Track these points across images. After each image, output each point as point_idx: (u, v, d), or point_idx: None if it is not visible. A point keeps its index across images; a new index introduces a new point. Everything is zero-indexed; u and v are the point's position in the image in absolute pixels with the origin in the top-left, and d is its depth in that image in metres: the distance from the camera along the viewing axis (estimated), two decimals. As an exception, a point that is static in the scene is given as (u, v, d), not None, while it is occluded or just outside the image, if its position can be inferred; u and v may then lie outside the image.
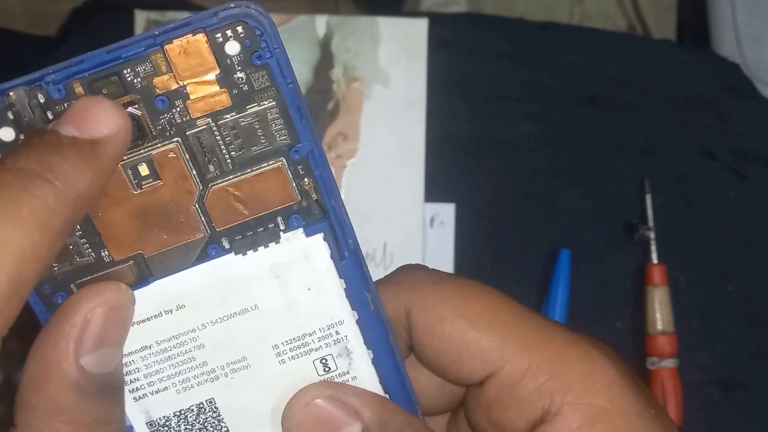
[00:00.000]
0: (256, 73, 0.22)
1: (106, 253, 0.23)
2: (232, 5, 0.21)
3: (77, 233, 0.22)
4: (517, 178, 0.54)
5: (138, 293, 0.23)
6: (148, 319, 0.24)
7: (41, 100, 0.21)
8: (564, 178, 0.54)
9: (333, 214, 0.23)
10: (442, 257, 0.53)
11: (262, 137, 0.22)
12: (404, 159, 0.49)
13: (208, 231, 0.23)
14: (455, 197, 0.53)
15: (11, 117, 0.21)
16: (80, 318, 0.21)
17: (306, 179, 0.23)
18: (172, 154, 0.22)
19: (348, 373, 0.25)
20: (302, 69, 0.50)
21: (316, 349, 0.24)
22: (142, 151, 0.22)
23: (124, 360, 0.24)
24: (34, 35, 0.62)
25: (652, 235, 0.53)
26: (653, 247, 0.53)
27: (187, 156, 0.22)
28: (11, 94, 0.21)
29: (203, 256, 0.23)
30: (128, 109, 0.21)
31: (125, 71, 0.21)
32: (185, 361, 0.24)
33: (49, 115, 0.21)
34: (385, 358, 0.25)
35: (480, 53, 0.54)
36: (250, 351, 0.24)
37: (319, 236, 0.23)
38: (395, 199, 0.49)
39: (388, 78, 0.49)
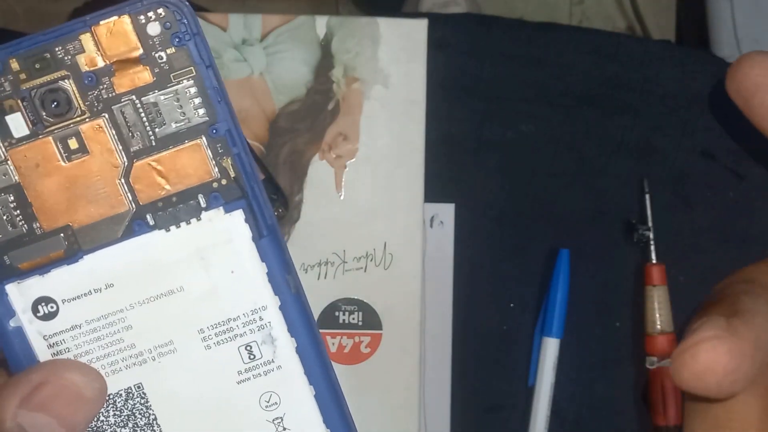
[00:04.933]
0: (176, 53, 0.24)
1: (38, 224, 0.24)
2: None
3: (11, 203, 0.24)
4: (517, 178, 0.54)
5: (68, 270, 0.24)
6: (78, 297, 0.24)
7: None
8: (563, 178, 0.54)
9: (251, 193, 0.24)
10: (442, 257, 0.53)
11: (182, 115, 0.24)
12: (404, 159, 0.49)
13: (133, 205, 0.24)
14: (455, 197, 0.53)
15: None
16: (38, 378, 0.23)
17: (225, 157, 0.24)
18: (99, 128, 0.24)
19: (273, 361, 0.25)
20: (303, 69, 0.50)
21: (241, 335, 0.25)
22: (71, 124, 0.24)
23: (55, 339, 0.25)
24: (35, 36, 0.62)
25: (651, 234, 0.53)
26: (652, 247, 0.53)
27: (113, 131, 0.24)
28: None
29: (129, 232, 0.24)
30: (59, 83, 0.23)
31: (57, 49, 0.23)
32: (114, 343, 0.25)
33: None
34: (308, 347, 0.25)
35: (480, 54, 0.54)
36: (177, 334, 0.25)
37: (239, 215, 0.24)
38: (395, 199, 0.49)
39: (388, 78, 0.50)
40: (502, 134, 0.54)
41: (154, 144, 0.24)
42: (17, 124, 0.24)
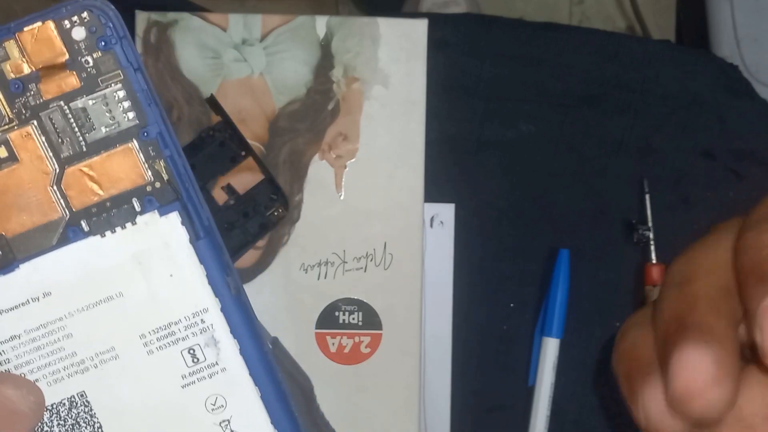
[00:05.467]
0: (103, 57, 0.24)
1: None
2: None
3: None
4: (517, 178, 0.54)
5: (4, 280, 0.24)
6: (16, 307, 0.24)
7: None
8: (563, 178, 0.54)
9: (186, 194, 0.24)
10: (442, 257, 0.53)
11: (111, 119, 0.24)
12: (404, 159, 0.50)
13: (66, 212, 0.24)
14: (455, 197, 0.53)
15: None
16: None
17: (157, 160, 0.24)
18: (28, 136, 0.24)
19: (217, 364, 0.25)
20: (303, 69, 0.50)
21: (183, 339, 0.25)
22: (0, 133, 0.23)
23: None
24: (35, 36, 0.62)
25: (651, 234, 0.53)
26: (652, 247, 0.53)
27: (42, 138, 0.24)
28: None
29: (64, 239, 0.24)
30: None
31: None
32: (54, 352, 0.24)
33: None
34: (252, 348, 0.25)
35: (480, 54, 0.54)
36: (118, 341, 0.25)
37: (175, 218, 0.24)
38: (395, 199, 0.49)
39: (388, 78, 0.50)
40: (502, 134, 0.54)
41: (84, 149, 0.24)
42: None
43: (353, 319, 0.49)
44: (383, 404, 0.49)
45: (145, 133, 0.24)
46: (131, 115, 0.24)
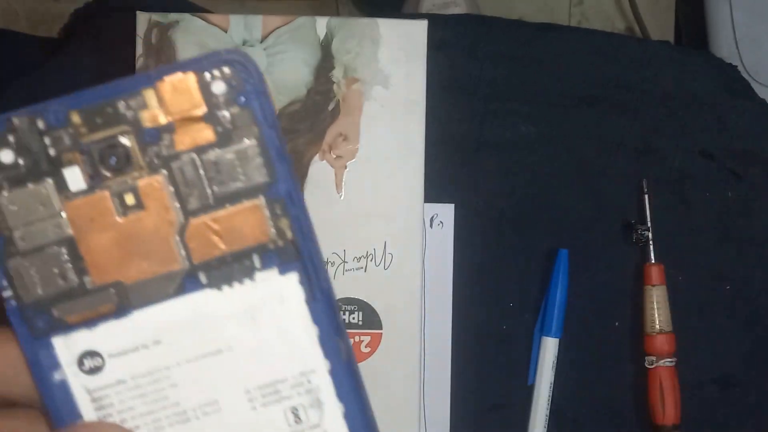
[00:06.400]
0: (240, 113, 0.23)
1: (89, 278, 0.23)
2: (223, 52, 0.23)
3: (63, 256, 0.23)
4: (516, 179, 0.54)
5: (116, 325, 0.24)
6: (125, 352, 0.24)
7: (41, 127, 0.23)
8: (562, 178, 0.54)
9: (307, 255, 0.24)
10: (442, 257, 0.53)
11: (242, 174, 0.23)
12: (404, 159, 0.50)
13: (187, 263, 0.24)
14: (455, 197, 0.54)
15: (12, 140, 0.23)
16: None
17: (283, 219, 0.24)
18: (156, 185, 0.23)
19: (319, 426, 0.25)
20: (303, 70, 0.50)
21: (288, 398, 0.24)
22: (128, 180, 0.23)
23: (99, 393, 0.24)
24: (36, 36, 0.62)
25: (650, 235, 0.53)
26: (651, 247, 0.53)
27: (171, 188, 0.23)
28: (14, 119, 0.23)
29: (181, 290, 0.24)
30: (118, 139, 0.23)
31: (119, 104, 0.23)
32: (158, 400, 0.24)
33: (47, 141, 0.23)
34: (357, 413, 0.25)
35: (479, 54, 0.55)
36: (222, 394, 0.24)
37: (294, 277, 0.24)
38: (395, 199, 0.49)
39: (388, 79, 0.50)
40: (502, 134, 0.54)
41: (211, 202, 0.24)
42: (75, 177, 0.23)
43: (353, 319, 0.49)
44: (383, 404, 0.49)
45: (274, 191, 0.24)
46: (262, 171, 0.23)
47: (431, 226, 0.53)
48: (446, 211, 0.53)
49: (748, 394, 0.54)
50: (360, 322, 0.49)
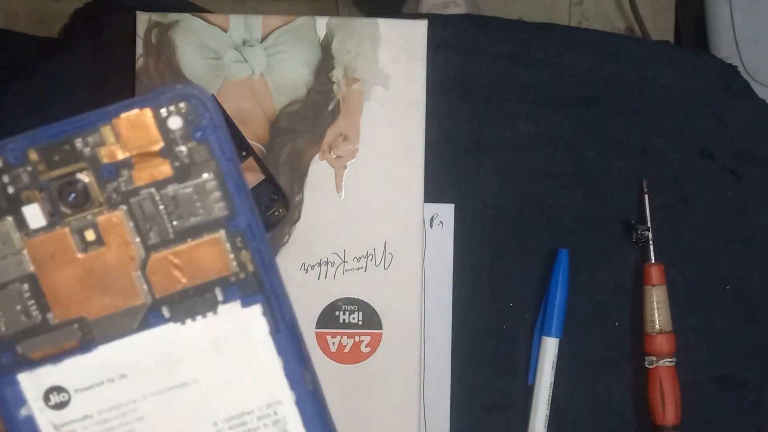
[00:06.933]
0: (197, 147, 0.23)
1: (52, 315, 0.24)
2: (179, 87, 0.23)
3: (26, 293, 0.23)
4: (516, 179, 0.54)
5: (81, 360, 0.24)
6: (91, 387, 0.24)
7: None
8: (563, 178, 0.54)
9: (269, 287, 0.24)
10: (442, 257, 0.53)
11: (201, 208, 0.24)
12: (404, 159, 0.50)
13: (149, 298, 0.24)
14: (455, 197, 0.54)
15: None
16: None
17: (243, 251, 0.24)
18: (116, 221, 0.24)
19: None
20: (303, 70, 0.50)
21: (254, 429, 0.25)
22: (88, 216, 0.23)
23: (66, 428, 0.24)
24: (36, 36, 0.62)
25: (650, 234, 0.53)
26: (651, 247, 0.53)
27: (130, 223, 0.24)
28: None
29: (144, 324, 0.24)
30: (77, 176, 0.23)
31: (76, 141, 0.23)
32: None
33: (5, 179, 0.23)
34: None
35: (479, 54, 0.55)
36: (189, 426, 0.24)
37: (257, 309, 0.24)
38: (395, 199, 0.49)
39: (388, 79, 0.50)
40: (502, 134, 0.54)
41: (172, 237, 0.24)
42: (34, 214, 0.23)
43: (353, 318, 0.49)
44: (383, 404, 0.49)
45: (234, 224, 0.24)
46: (221, 205, 0.24)
47: (431, 226, 0.53)
48: (446, 211, 0.53)
49: (748, 394, 0.54)
50: (360, 322, 0.49)
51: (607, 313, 0.54)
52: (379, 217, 0.49)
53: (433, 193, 0.52)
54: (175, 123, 0.23)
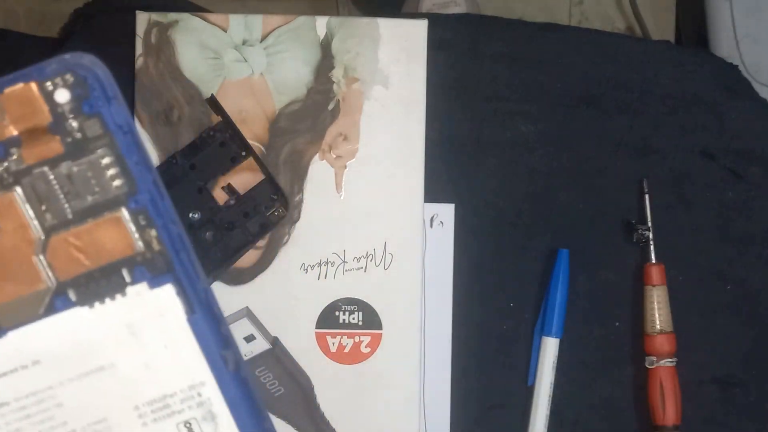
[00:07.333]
0: (88, 121, 0.22)
1: None
2: (67, 56, 0.22)
3: None
4: (516, 178, 0.54)
5: None
6: (5, 374, 0.23)
7: None
8: (563, 178, 0.54)
9: (179, 265, 0.23)
10: (442, 257, 0.53)
11: (98, 186, 0.22)
12: (404, 159, 0.50)
13: (53, 282, 0.23)
14: (455, 197, 0.53)
15: None
16: None
17: (148, 229, 0.23)
18: (9, 203, 0.22)
19: None
20: (303, 70, 0.50)
21: (179, 412, 0.24)
22: None
23: None
24: (36, 36, 0.62)
25: (650, 234, 0.53)
26: (651, 247, 0.53)
27: (26, 205, 0.22)
28: None
29: (51, 309, 0.23)
30: None
31: None
32: (45, 420, 0.24)
33: None
34: (251, 424, 0.24)
35: (479, 54, 0.55)
36: (111, 411, 0.24)
37: (169, 289, 0.23)
38: (395, 199, 0.49)
39: (388, 79, 0.50)
40: (502, 134, 0.54)
41: (70, 217, 0.23)
42: None
43: (353, 319, 0.49)
44: (383, 404, 0.49)
45: (135, 201, 0.23)
46: (119, 182, 0.22)
47: (431, 226, 0.53)
48: (446, 211, 0.53)
49: (748, 394, 0.54)
50: (360, 322, 0.49)
51: (607, 313, 0.54)
52: (379, 217, 0.49)
53: (433, 193, 0.52)
54: (62, 96, 0.22)
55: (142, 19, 0.50)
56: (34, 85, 0.22)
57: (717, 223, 0.54)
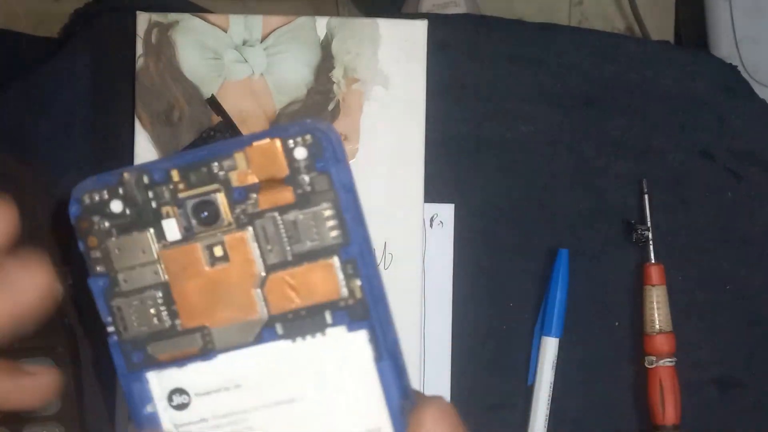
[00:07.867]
0: (318, 177, 0.25)
1: (179, 321, 0.26)
2: (308, 121, 0.25)
3: (159, 299, 0.26)
4: (516, 179, 0.54)
5: (203, 366, 0.26)
6: (209, 393, 0.26)
7: (146, 182, 0.25)
8: (562, 178, 0.54)
9: (375, 315, 0.25)
10: (442, 257, 0.53)
11: (318, 234, 0.25)
12: (404, 159, 0.50)
13: (266, 313, 0.26)
14: (455, 197, 0.54)
15: (122, 193, 0.25)
16: None
17: (354, 279, 0.25)
18: (242, 240, 0.26)
19: None
20: (303, 70, 0.50)
21: None
22: (217, 233, 0.26)
23: (184, 429, 0.26)
24: (36, 36, 0.62)
25: (650, 234, 0.53)
26: (651, 247, 0.53)
27: (254, 243, 0.26)
28: (125, 174, 0.25)
29: (259, 338, 0.26)
30: (211, 196, 0.26)
31: (213, 164, 0.25)
32: None
33: (150, 194, 0.25)
34: None
35: (479, 54, 0.55)
36: None
37: (363, 335, 0.25)
38: (395, 199, 0.49)
39: (387, 79, 0.50)
40: (502, 134, 0.54)
41: (290, 259, 0.25)
42: (171, 228, 0.26)
43: (353, 318, 0.49)
44: (383, 403, 0.49)
45: (347, 252, 0.25)
46: (336, 233, 0.25)
47: (431, 226, 0.53)
48: (446, 211, 0.53)
49: (748, 394, 0.54)
50: (360, 322, 0.49)
51: (607, 313, 0.54)
52: (379, 217, 0.49)
53: (433, 193, 0.52)
54: (300, 153, 0.25)
55: (143, 19, 0.50)
56: (278, 142, 0.25)
57: (717, 223, 0.54)
